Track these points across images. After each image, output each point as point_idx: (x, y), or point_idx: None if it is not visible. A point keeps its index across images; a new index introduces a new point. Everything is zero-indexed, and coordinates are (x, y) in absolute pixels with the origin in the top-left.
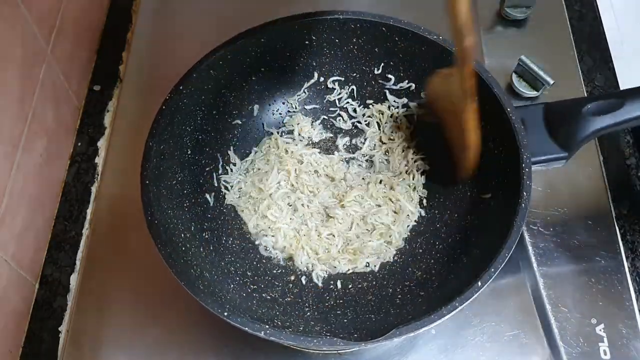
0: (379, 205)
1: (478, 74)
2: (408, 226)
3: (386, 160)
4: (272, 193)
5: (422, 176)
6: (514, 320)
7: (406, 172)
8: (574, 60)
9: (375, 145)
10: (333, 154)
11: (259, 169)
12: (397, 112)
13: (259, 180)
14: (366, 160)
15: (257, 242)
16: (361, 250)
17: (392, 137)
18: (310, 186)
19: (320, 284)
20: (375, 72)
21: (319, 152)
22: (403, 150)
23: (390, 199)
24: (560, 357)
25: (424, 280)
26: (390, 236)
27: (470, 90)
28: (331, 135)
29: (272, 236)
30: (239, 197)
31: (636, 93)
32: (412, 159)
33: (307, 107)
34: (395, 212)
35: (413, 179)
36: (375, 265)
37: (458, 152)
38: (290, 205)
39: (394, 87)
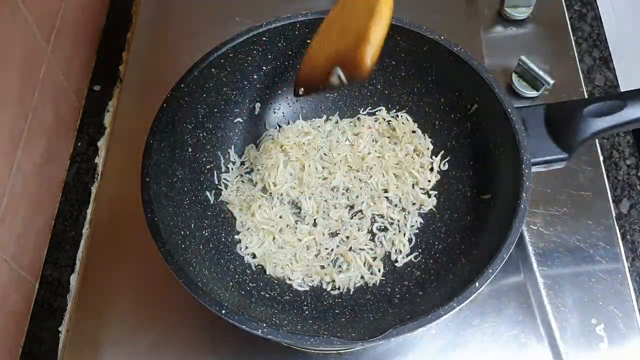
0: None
1: (479, 74)
2: (413, 225)
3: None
4: (278, 187)
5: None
6: (514, 320)
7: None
8: (574, 60)
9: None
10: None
11: (263, 165)
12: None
13: (268, 175)
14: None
15: (236, 237)
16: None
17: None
18: (318, 172)
19: (306, 289)
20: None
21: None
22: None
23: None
24: (560, 357)
25: (423, 280)
26: (394, 243)
27: None
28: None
29: (249, 237)
30: (236, 195)
31: (637, 95)
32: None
33: (307, 108)
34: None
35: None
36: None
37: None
38: (295, 203)
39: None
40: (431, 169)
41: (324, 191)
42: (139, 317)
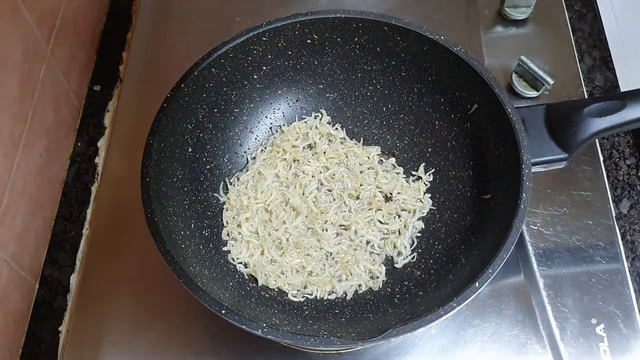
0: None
1: (479, 74)
2: (415, 228)
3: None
4: (265, 200)
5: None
6: (514, 320)
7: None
8: (574, 60)
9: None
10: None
11: (259, 172)
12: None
13: (253, 185)
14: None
15: (224, 249)
16: (349, 271)
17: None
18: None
19: (302, 300)
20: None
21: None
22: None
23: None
24: (560, 357)
25: (423, 281)
26: (395, 246)
27: None
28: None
29: (239, 246)
30: (237, 196)
31: (637, 95)
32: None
33: (308, 108)
34: (398, 216)
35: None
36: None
37: None
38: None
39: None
40: (419, 178)
41: (314, 213)
42: (139, 317)
